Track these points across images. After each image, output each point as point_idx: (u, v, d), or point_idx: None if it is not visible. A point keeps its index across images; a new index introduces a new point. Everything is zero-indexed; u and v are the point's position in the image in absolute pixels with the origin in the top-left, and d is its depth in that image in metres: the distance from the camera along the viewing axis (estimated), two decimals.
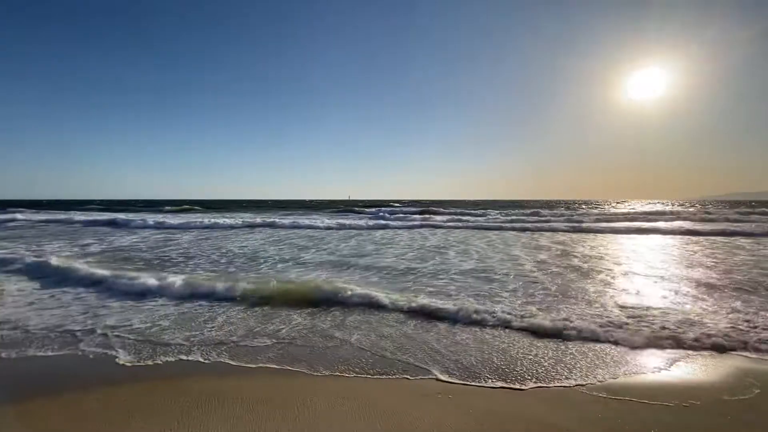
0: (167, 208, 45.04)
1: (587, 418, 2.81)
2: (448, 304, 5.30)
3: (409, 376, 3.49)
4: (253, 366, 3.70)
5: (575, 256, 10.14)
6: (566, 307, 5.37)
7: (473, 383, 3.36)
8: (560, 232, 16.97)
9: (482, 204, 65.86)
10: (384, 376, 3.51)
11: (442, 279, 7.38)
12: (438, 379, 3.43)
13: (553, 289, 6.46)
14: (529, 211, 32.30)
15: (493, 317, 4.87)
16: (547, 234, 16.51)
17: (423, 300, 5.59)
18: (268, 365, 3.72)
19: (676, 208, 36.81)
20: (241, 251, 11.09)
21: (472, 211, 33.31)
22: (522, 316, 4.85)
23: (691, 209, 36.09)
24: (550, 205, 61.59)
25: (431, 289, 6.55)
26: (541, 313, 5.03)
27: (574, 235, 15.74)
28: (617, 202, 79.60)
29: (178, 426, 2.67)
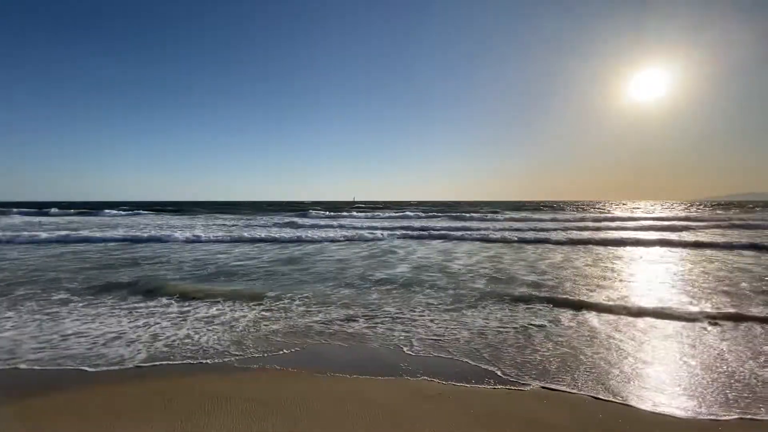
0: (111, 211, 38.32)
1: (588, 419, 2.82)
2: None
3: (409, 377, 3.51)
4: (255, 367, 3.72)
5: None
6: None
7: (473, 383, 3.37)
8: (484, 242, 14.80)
9: (478, 205, 66.10)
10: (384, 377, 3.52)
11: None
12: (438, 380, 3.44)
13: None
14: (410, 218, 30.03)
15: None
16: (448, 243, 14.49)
17: None
18: (269, 366, 3.74)
19: (663, 213, 36.01)
20: None
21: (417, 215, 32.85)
22: None
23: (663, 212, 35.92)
24: (552, 206, 61.86)
25: None
26: None
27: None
28: (615, 204, 79.81)
29: (180, 426, 2.69)
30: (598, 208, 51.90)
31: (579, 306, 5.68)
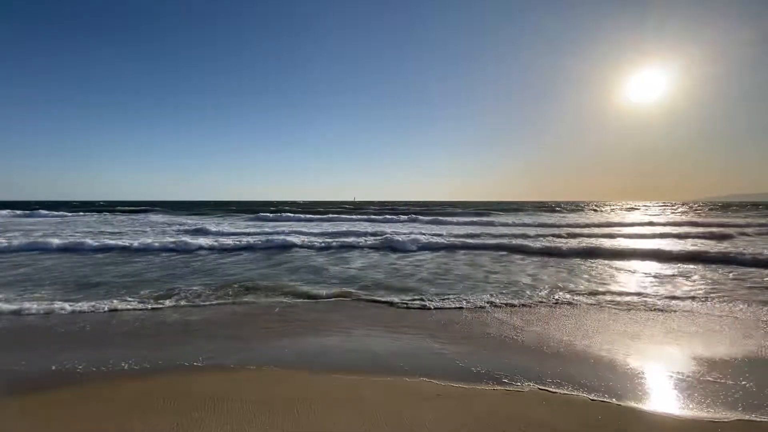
0: (40, 211, 33.74)
1: (587, 420, 2.80)
2: None
3: (408, 378, 3.50)
4: (253, 367, 3.71)
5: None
6: None
7: (472, 384, 3.36)
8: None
9: (475, 205, 65.43)
10: (384, 377, 3.51)
11: None
12: (437, 381, 3.42)
13: None
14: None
15: None
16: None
17: None
18: (267, 366, 3.73)
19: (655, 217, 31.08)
20: None
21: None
22: None
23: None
24: (544, 206, 61.21)
25: None
26: None
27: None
28: (613, 205, 79.46)
29: (178, 427, 2.67)
30: (593, 209, 51.05)
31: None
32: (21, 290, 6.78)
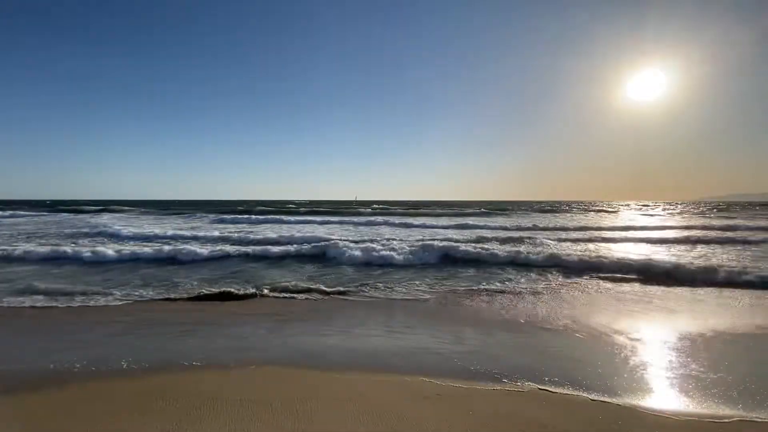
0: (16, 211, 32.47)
1: (588, 420, 2.80)
2: None
3: (408, 378, 3.49)
4: (253, 367, 3.70)
5: None
6: None
7: (472, 384, 3.36)
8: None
9: (471, 205, 64.02)
10: (383, 377, 3.50)
11: None
12: (437, 381, 3.42)
13: None
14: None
15: None
16: None
17: None
18: (267, 366, 3.73)
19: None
20: None
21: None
22: None
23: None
24: (533, 206, 59.60)
25: None
26: None
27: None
28: (610, 204, 78.71)
29: (176, 427, 2.67)
30: (589, 210, 48.06)
31: None
32: None
